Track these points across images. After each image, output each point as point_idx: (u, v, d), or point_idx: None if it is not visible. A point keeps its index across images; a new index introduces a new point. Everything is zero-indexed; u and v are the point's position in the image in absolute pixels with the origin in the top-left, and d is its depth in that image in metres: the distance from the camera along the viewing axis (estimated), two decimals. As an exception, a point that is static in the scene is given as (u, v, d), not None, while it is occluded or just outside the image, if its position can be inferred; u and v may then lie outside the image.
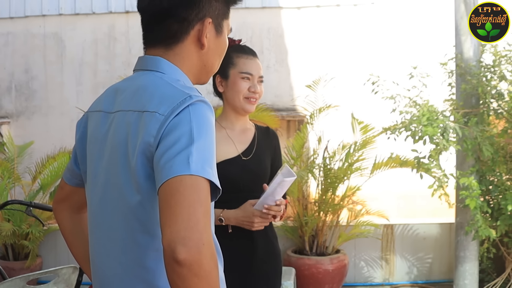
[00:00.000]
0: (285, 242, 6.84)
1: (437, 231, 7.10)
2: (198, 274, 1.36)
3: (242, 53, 3.05)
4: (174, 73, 1.71)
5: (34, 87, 8.98)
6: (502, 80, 5.87)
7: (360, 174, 6.64)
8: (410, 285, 7.02)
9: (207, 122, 1.54)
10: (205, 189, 1.44)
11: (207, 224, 1.41)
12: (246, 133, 3.13)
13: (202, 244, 1.37)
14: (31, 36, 8.96)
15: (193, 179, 1.43)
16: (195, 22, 1.71)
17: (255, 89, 3.01)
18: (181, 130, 1.50)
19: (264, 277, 3.03)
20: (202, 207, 1.41)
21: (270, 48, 8.53)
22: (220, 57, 1.85)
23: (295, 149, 6.62)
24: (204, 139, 1.50)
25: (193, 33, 1.72)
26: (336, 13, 8.44)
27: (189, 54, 1.74)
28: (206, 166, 1.46)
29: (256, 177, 3.05)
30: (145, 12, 1.76)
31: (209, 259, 1.38)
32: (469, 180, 5.49)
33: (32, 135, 8.55)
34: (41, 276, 4.25)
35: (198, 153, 1.46)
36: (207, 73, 1.83)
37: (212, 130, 1.56)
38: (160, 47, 1.74)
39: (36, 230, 6.45)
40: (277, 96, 8.41)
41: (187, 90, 1.59)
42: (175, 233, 1.37)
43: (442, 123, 5.43)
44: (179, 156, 1.45)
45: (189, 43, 1.73)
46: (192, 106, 1.54)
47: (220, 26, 1.80)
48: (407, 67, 6.07)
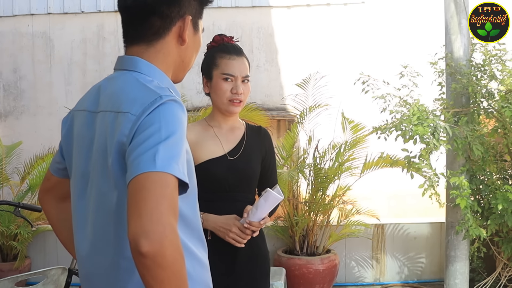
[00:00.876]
0: (275, 242, 6.83)
1: (428, 230, 7.10)
2: (161, 265, 1.44)
3: (225, 53, 3.00)
4: (151, 72, 1.78)
5: (23, 87, 8.93)
6: (492, 80, 5.87)
7: (350, 174, 6.64)
8: (401, 284, 7.02)
9: (176, 121, 1.61)
10: (170, 185, 1.51)
11: (171, 218, 1.48)
12: (234, 133, 3.09)
13: (165, 237, 1.43)
14: (19, 35, 8.92)
15: (159, 175, 1.49)
16: (177, 19, 1.80)
17: (237, 90, 2.94)
18: (150, 129, 1.57)
19: (246, 279, 2.99)
20: (167, 202, 1.48)
21: (260, 47, 8.52)
22: (196, 54, 1.94)
23: (285, 149, 6.62)
24: (172, 137, 1.56)
25: (175, 30, 1.81)
26: (326, 12, 8.44)
27: (170, 50, 1.82)
28: (172, 162, 1.53)
29: (244, 177, 3.02)
30: (128, 10, 1.82)
31: (172, 251, 1.45)
32: (459, 179, 5.49)
33: (20, 135, 8.52)
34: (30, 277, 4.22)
35: (165, 150, 1.53)
36: (184, 69, 1.91)
37: (182, 128, 1.62)
38: (142, 44, 1.81)
39: (25, 231, 6.41)
40: (267, 96, 8.41)
41: (158, 91, 1.66)
42: (139, 227, 1.44)
43: (433, 122, 5.42)
44: (146, 153, 1.52)
45: (170, 39, 1.81)
46: (162, 106, 1.61)
47: (196, 24, 1.88)
48: (398, 66, 6.07)
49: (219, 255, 2.90)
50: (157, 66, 1.80)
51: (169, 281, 1.47)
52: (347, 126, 6.68)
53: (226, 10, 8.56)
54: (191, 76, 8.37)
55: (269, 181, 3.18)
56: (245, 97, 3.01)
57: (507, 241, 5.88)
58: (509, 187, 5.54)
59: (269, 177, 3.18)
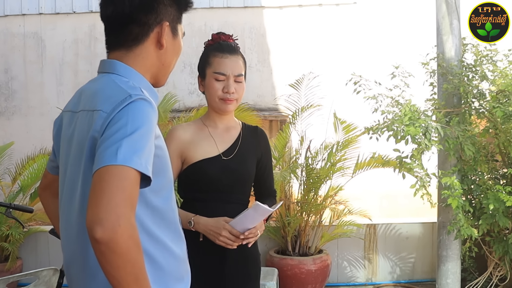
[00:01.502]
0: (267, 242, 6.83)
1: (420, 230, 7.12)
2: (115, 251, 1.54)
3: (218, 52, 2.98)
4: (128, 74, 1.90)
5: (14, 87, 8.91)
6: (484, 80, 5.88)
7: (342, 174, 6.64)
8: (393, 284, 7.03)
9: (143, 117, 1.71)
10: (130, 178, 1.60)
11: (127, 208, 1.57)
12: (230, 132, 3.06)
13: (118, 225, 1.53)
14: (10, 35, 8.90)
15: (119, 168, 1.59)
16: (154, 25, 1.93)
17: (229, 89, 2.92)
18: (117, 124, 1.68)
19: (236, 281, 2.96)
20: (125, 193, 1.57)
21: (252, 47, 8.52)
22: (176, 57, 2.06)
23: (278, 149, 6.61)
24: (137, 132, 1.66)
25: (153, 35, 1.93)
26: (318, 13, 8.45)
27: (148, 54, 1.94)
28: (134, 157, 1.61)
29: (238, 177, 2.98)
30: (108, 19, 1.96)
31: (126, 239, 1.55)
32: (451, 179, 5.50)
33: (12, 135, 8.49)
34: (22, 278, 4.20)
35: (128, 145, 1.62)
36: (165, 72, 2.04)
37: (149, 125, 1.71)
38: (122, 49, 1.94)
39: (16, 232, 6.38)
40: (259, 96, 8.41)
41: (130, 90, 1.77)
42: (95, 215, 1.54)
43: (424, 122, 5.44)
44: (110, 148, 1.62)
45: (149, 44, 1.93)
46: (131, 104, 1.72)
47: (175, 29, 2.01)
48: (389, 67, 6.07)
49: (209, 257, 2.90)
50: (135, 68, 1.92)
51: (124, 268, 1.56)
52: (339, 127, 6.68)
53: (218, 11, 8.56)
54: (183, 76, 8.37)
55: (266, 182, 3.16)
56: (239, 96, 2.98)
57: (499, 241, 5.90)
58: (501, 187, 5.56)
59: (266, 178, 3.16)
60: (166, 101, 7.27)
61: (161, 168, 1.84)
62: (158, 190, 1.84)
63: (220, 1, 8.55)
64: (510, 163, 5.95)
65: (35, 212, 5.60)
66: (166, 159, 1.90)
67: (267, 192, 3.18)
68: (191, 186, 2.97)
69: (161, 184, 1.85)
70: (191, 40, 8.09)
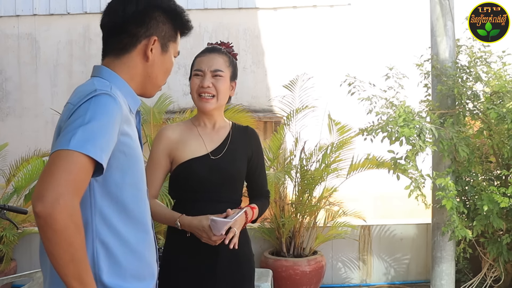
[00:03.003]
0: (262, 244, 6.83)
1: (414, 231, 7.13)
2: (52, 227, 1.63)
3: (200, 53, 3.04)
4: (110, 78, 2.02)
5: (8, 88, 8.89)
6: (478, 81, 5.90)
7: (337, 175, 6.64)
8: (387, 285, 7.03)
9: (104, 110, 1.81)
10: (79, 162, 1.69)
11: (70, 189, 1.66)
12: (219, 132, 3.06)
13: (57, 203, 1.62)
14: (4, 36, 8.87)
15: (69, 153, 1.69)
16: (143, 38, 2.06)
17: (203, 83, 2.93)
18: (77, 115, 1.79)
19: (229, 282, 2.95)
20: (68, 176, 1.66)
21: (247, 49, 8.52)
22: (165, 73, 2.18)
23: (272, 151, 6.61)
24: (95, 123, 1.76)
25: (140, 47, 2.06)
26: (312, 14, 8.45)
27: (134, 64, 2.07)
28: (88, 144, 1.71)
29: (227, 176, 2.98)
30: (104, 28, 2.12)
31: (64, 217, 1.63)
32: (445, 180, 5.51)
33: (6, 137, 8.46)
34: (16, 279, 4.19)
35: (83, 133, 1.72)
36: (152, 86, 2.16)
37: (109, 118, 1.81)
38: (112, 56, 2.08)
39: (10, 233, 6.36)
40: (254, 97, 8.41)
41: (98, 86, 1.90)
42: (38, 191, 1.65)
43: (419, 124, 5.44)
44: (66, 134, 1.73)
45: (135, 55, 2.06)
46: (95, 97, 1.83)
47: (166, 46, 2.14)
48: (384, 68, 6.08)
49: (202, 258, 2.90)
50: (120, 75, 2.05)
51: (60, 244, 1.65)
52: (333, 128, 6.69)
53: (213, 12, 8.56)
54: (178, 78, 8.36)
55: (258, 181, 3.17)
56: (219, 93, 2.96)
57: (493, 242, 5.91)
58: (495, 188, 5.57)
59: (258, 178, 3.16)
60: (160, 102, 7.27)
61: (127, 166, 1.93)
62: (123, 186, 1.93)
63: (215, 2, 8.55)
64: (504, 164, 5.96)
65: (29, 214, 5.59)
66: (134, 158, 1.97)
67: (259, 192, 3.19)
68: (181, 187, 2.98)
69: (127, 180, 1.94)
70: (186, 41, 8.05)
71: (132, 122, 2.00)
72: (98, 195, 1.88)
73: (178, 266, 2.92)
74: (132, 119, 2.01)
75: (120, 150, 1.88)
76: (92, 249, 1.87)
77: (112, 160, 1.85)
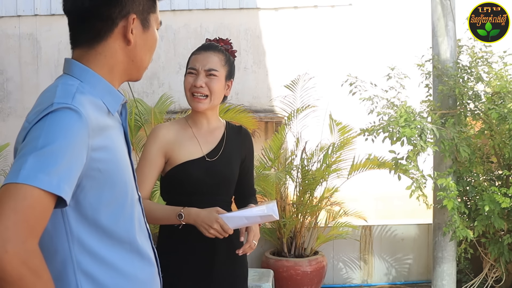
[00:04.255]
0: (263, 244, 6.83)
1: (415, 232, 7.12)
2: (4, 279, 1.37)
3: (196, 51, 2.98)
4: (82, 76, 1.71)
5: (9, 89, 8.88)
6: (479, 82, 5.89)
7: (338, 176, 6.64)
8: (388, 286, 7.03)
9: (60, 130, 1.51)
10: (29, 198, 1.41)
11: (22, 231, 1.39)
12: (214, 133, 3.03)
13: (5, 251, 1.36)
14: (5, 36, 8.87)
15: (18, 187, 1.41)
16: (119, 19, 1.72)
17: (196, 82, 2.88)
18: (29, 138, 1.50)
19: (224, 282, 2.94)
20: (17, 216, 1.39)
21: (248, 49, 8.51)
22: (149, 52, 1.85)
23: (273, 151, 6.61)
24: (49, 147, 1.46)
25: (117, 31, 1.73)
26: (313, 14, 8.44)
27: (113, 52, 1.74)
28: (40, 174, 1.43)
29: (222, 179, 2.97)
30: (69, 14, 1.78)
31: (16, 266, 1.37)
32: (446, 181, 5.50)
33: (7, 137, 8.45)
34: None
35: (35, 160, 1.44)
36: (137, 69, 1.83)
37: (69, 137, 1.51)
38: (84, 46, 1.74)
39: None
40: (255, 98, 8.39)
41: (57, 97, 1.57)
42: None
43: (420, 124, 5.44)
44: (15, 164, 1.46)
45: (113, 41, 1.73)
46: (50, 114, 1.52)
47: (146, 21, 1.79)
48: (385, 68, 6.08)
49: (197, 258, 2.89)
50: (94, 68, 1.73)
51: None
52: (334, 128, 6.68)
53: (214, 12, 8.54)
54: (179, 78, 8.34)
55: (249, 182, 3.16)
56: (212, 93, 2.91)
57: (494, 242, 5.91)
58: (496, 189, 5.57)
59: (249, 179, 3.16)
60: (161, 102, 7.26)
61: (103, 182, 1.64)
62: (100, 206, 1.65)
63: (216, 2, 8.54)
64: (505, 164, 5.96)
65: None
66: (113, 172, 1.67)
67: (248, 192, 3.18)
68: (175, 189, 2.94)
69: (104, 200, 1.66)
70: (187, 42, 8.09)
71: (109, 128, 1.70)
72: (73, 221, 1.62)
73: (174, 267, 2.89)
74: (110, 122, 1.72)
75: (93, 168, 1.59)
76: (75, 283, 1.63)
77: (85, 181, 1.59)
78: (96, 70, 1.73)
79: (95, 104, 1.66)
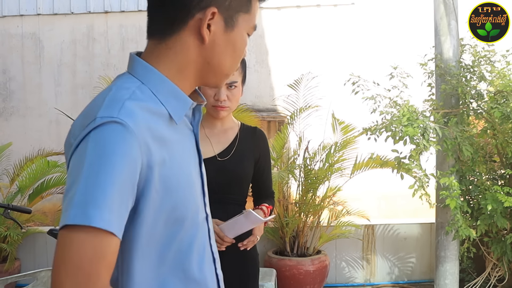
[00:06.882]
0: (266, 243, 6.83)
1: (418, 231, 7.12)
2: None
3: None
4: (144, 76, 1.45)
5: (12, 88, 8.90)
6: (482, 81, 5.89)
7: (340, 175, 6.63)
8: (391, 285, 7.03)
9: (104, 151, 1.26)
10: (81, 241, 1.22)
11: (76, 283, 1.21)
12: (226, 133, 3.06)
13: None
14: (8, 36, 8.89)
15: (65, 231, 1.22)
16: (196, 10, 1.43)
17: (219, 97, 2.91)
18: (74, 162, 1.30)
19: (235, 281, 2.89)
20: (67, 265, 1.22)
21: (251, 48, 8.52)
22: (232, 57, 1.53)
23: (276, 150, 6.60)
24: (96, 174, 1.24)
25: (192, 23, 1.44)
26: (316, 14, 8.45)
27: (185, 48, 1.46)
28: (89, 208, 1.21)
29: (234, 178, 2.99)
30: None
31: None
32: (449, 180, 5.50)
33: (10, 136, 8.48)
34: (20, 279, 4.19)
35: (81, 194, 1.23)
36: (214, 73, 1.53)
37: (117, 159, 1.26)
38: (155, 38, 1.48)
39: (15, 233, 6.37)
40: (258, 97, 8.41)
41: (103, 108, 1.32)
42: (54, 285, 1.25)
43: (422, 123, 5.44)
44: (64, 201, 1.26)
45: (186, 35, 1.45)
46: (94, 132, 1.28)
47: (231, 20, 1.48)
48: (388, 67, 6.08)
49: None
50: (162, 66, 1.46)
51: None
52: (337, 127, 6.68)
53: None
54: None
55: (265, 183, 3.17)
56: (233, 103, 2.98)
57: (497, 242, 5.90)
58: (499, 188, 5.56)
59: (265, 180, 3.17)
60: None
61: (159, 203, 1.38)
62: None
63: (218, 2, 8.55)
64: (508, 163, 5.96)
65: (33, 213, 5.60)
66: (174, 186, 1.42)
67: (265, 193, 3.19)
68: None
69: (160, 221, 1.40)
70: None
71: (168, 138, 1.41)
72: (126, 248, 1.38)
73: None
74: (169, 132, 1.43)
75: (148, 188, 1.33)
76: None
77: (142, 204, 1.34)
78: (164, 68, 1.47)
79: (154, 111, 1.40)
